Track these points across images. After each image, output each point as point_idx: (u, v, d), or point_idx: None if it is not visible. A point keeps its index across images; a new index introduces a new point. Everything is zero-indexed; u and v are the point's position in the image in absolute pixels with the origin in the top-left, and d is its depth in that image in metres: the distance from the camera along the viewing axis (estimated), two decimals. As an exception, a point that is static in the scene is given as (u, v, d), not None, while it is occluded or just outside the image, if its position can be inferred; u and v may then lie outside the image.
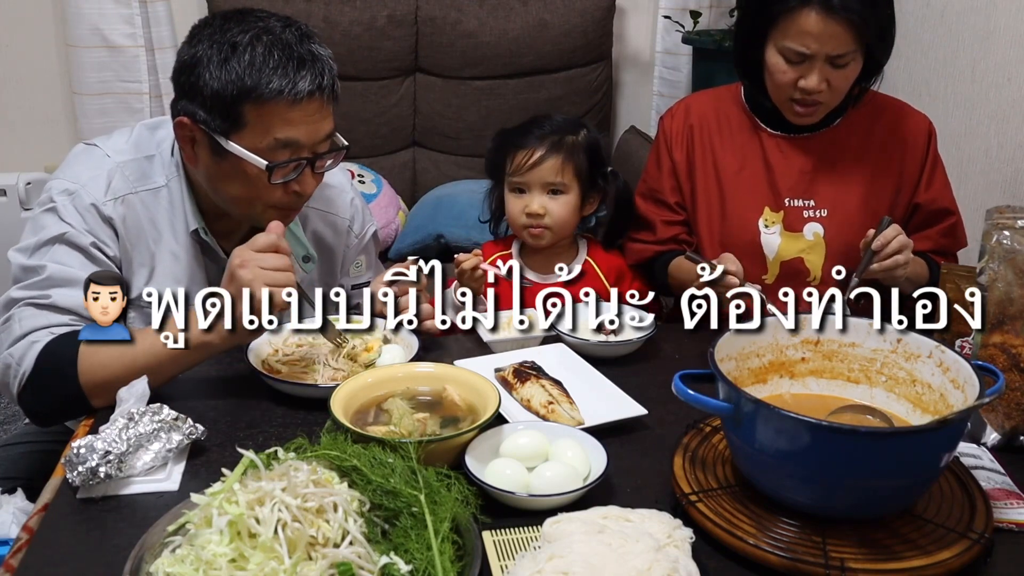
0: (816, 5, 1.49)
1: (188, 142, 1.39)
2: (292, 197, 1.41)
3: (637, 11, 3.24)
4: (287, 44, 1.33)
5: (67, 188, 1.40)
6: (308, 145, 1.37)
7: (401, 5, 2.90)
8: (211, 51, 1.32)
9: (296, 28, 1.36)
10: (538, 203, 1.73)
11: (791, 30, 1.53)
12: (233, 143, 1.33)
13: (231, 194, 1.40)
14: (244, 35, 1.32)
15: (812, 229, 1.70)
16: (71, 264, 1.36)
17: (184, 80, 1.36)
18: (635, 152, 2.98)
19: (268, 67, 1.31)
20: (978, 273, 1.25)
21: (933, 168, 1.71)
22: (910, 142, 1.70)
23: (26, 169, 2.99)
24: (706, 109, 1.78)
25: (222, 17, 1.37)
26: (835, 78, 1.56)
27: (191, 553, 0.88)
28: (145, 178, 1.46)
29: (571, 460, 1.11)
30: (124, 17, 2.84)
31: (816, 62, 1.54)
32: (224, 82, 1.31)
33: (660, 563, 0.88)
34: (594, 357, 1.44)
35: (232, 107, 1.32)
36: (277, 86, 1.30)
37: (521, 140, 1.75)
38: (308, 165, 1.38)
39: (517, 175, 1.74)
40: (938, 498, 1.06)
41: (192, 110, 1.35)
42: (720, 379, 1.04)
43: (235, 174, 1.36)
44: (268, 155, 1.34)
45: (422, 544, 0.91)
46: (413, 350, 1.41)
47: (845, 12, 1.48)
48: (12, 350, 1.32)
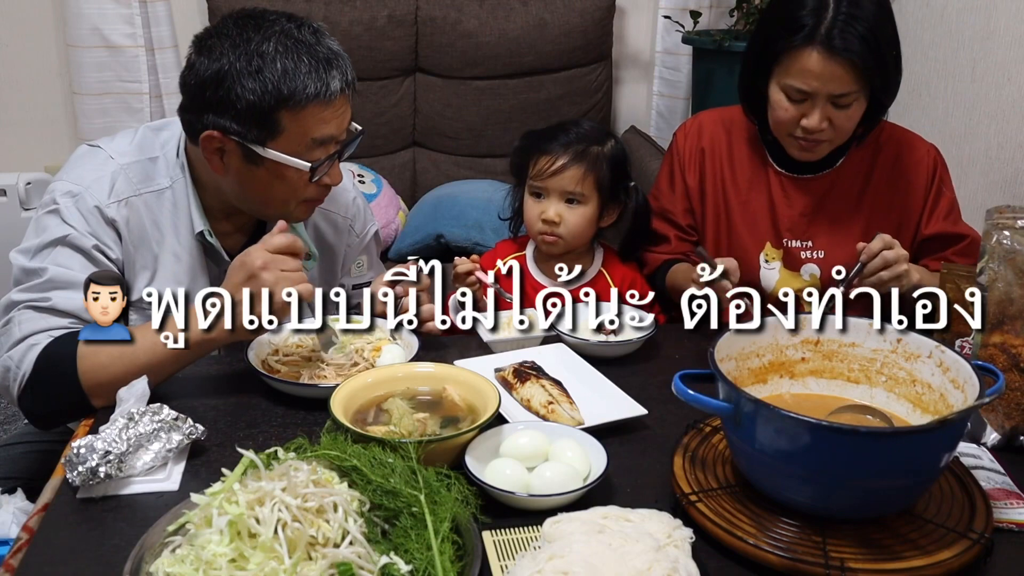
0: (818, 44, 1.48)
1: (216, 153, 1.38)
2: (324, 189, 1.44)
3: (637, 11, 3.25)
4: (309, 45, 1.35)
5: (70, 190, 1.40)
6: (339, 139, 1.41)
7: (401, 5, 2.90)
8: (239, 63, 1.32)
9: (307, 27, 1.38)
10: (554, 210, 1.71)
11: (793, 68, 1.52)
12: (272, 150, 1.35)
13: (267, 196, 1.42)
14: (268, 43, 1.33)
15: (809, 270, 1.71)
16: (72, 266, 1.36)
17: (211, 95, 1.34)
18: (635, 152, 2.98)
19: (301, 73, 1.32)
20: (978, 273, 1.25)
21: (936, 200, 1.69)
22: (913, 179, 1.68)
23: (26, 169, 2.98)
24: (718, 132, 1.76)
25: (235, 25, 1.36)
26: (837, 117, 1.55)
27: (191, 553, 0.88)
28: (149, 180, 1.45)
29: (571, 460, 1.11)
30: (124, 17, 2.84)
31: (818, 101, 1.53)
32: (260, 94, 1.32)
33: (660, 563, 0.88)
34: (594, 357, 1.44)
35: (269, 116, 1.33)
36: (313, 90, 1.33)
37: (546, 145, 1.73)
38: (337, 156, 1.42)
39: (538, 180, 1.72)
40: (938, 498, 1.06)
41: (223, 124, 1.34)
42: (720, 379, 1.04)
43: (272, 178, 1.38)
44: (306, 155, 1.37)
45: (422, 544, 0.91)
46: (413, 350, 1.42)
47: (847, 53, 1.47)
48: (11, 353, 1.32)
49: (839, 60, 1.48)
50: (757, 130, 1.72)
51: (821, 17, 1.49)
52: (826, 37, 1.48)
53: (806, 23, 1.49)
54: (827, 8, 1.49)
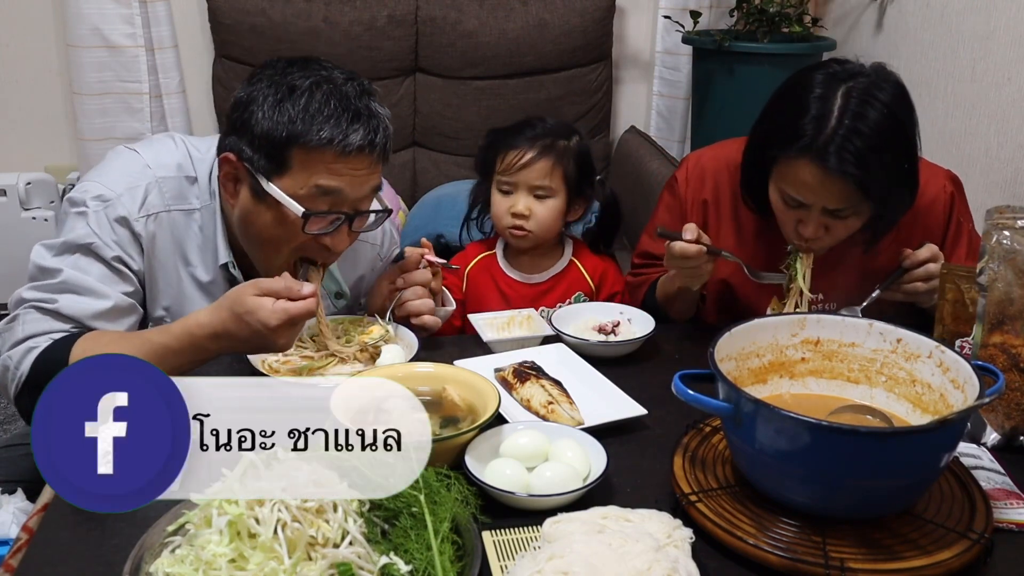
0: (814, 158, 1.36)
1: (231, 179, 1.37)
2: (322, 251, 1.38)
3: (637, 11, 3.25)
4: (345, 96, 1.31)
5: (102, 195, 1.39)
6: (350, 198, 1.34)
7: (401, 5, 2.90)
8: (268, 91, 1.31)
9: (358, 83, 1.35)
10: (523, 204, 1.72)
11: (788, 177, 1.42)
12: (273, 185, 1.31)
13: (261, 236, 1.37)
14: (304, 80, 1.31)
15: None
16: (90, 272, 1.36)
17: (236, 116, 1.34)
18: (635, 152, 2.98)
19: (322, 115, 1.29)
20: (978, 273, 1.25)
21: (956, 241, 1.60)
22: (930, 222, 1.59)
23: (26, 169, 2.99)
24: (722, 180, 1.65)
25: (287, 61, 1.35)
26: (835, 227, 1.45)
27: (191, 553, 0.88)
28: (181, 198, 1.44)
29: (571, 460, 1.11)
30: (124, 17, 2.85)
31: (813, 211, 1.43)
32: (275, 123, 1.29)
33: (660, 563, 0.88)
34: (594, 357, 1.44)
35: (280, 149, 1.30)
36: (328, 135, 1.28)
37: (513, 140, 1.74)
38: (347, 221, 1.36)
39: (506, 175, 1.74)
40: (938, 498, 1.06)
41: (240, 147, 1.33)
42: (720, 379, 1.04)
43: (270, 217, 1.34)
44: (307, 202, 1.31)
45: (422, 544, 0.91)
46: (413, 350, 1.42)
47: (841, 172, 1.34)
48: (11, 353, 1.32)
49: (835, 178, 1.36)
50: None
51: (821, 128, 1.36)
52: (822, 151, 1.35)
53: (805, 132, 1.37)
54: (828, 119, 1.36)
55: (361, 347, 1.42)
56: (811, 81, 1.41)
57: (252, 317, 1.21)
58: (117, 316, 1.37)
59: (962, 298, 1.34)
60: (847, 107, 1.36)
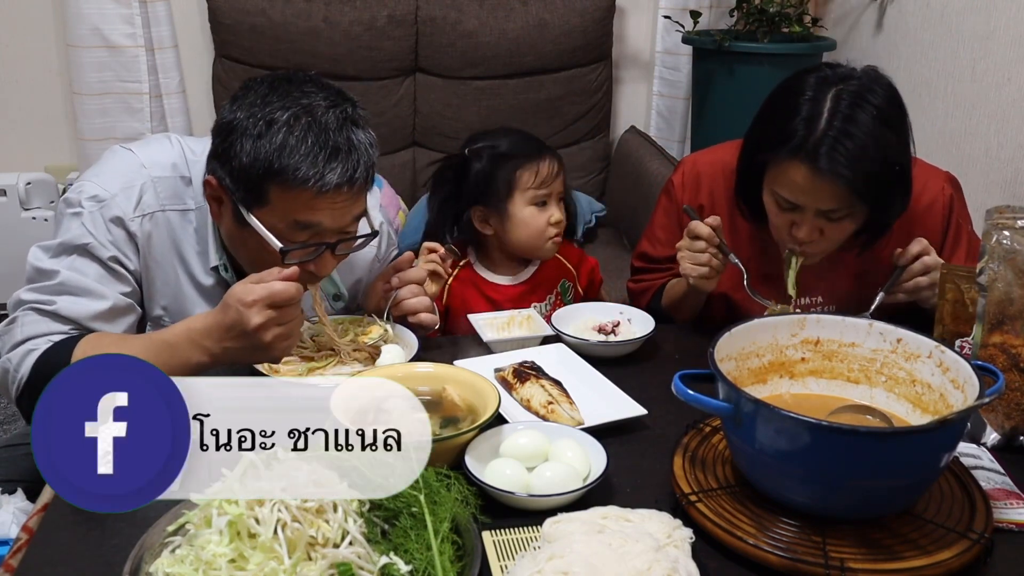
0: (805, 159, 1.37)
1: (215, 200, 1.36)
2: (306, 275, 1.35)
3: (637, 11, 3.25)
4: (324, 129, 1.27)
5: (97, 195, 1.38)
6: (332, 230, 1.33)
7: (401, 5, 2.90)
8: (247, 122, 1.28)
9: (341, 110, 1.30)
10: (560, 212, 1.76)
11: (780, 179, 1.42)
12: (254, 217, 1.30)
13: (249, 256, 1.38)
14: (284, 112, 1.27)
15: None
16: (87, 273, 1.36)
17: (219, 142, 1.32)
18: (635, 152, 2.98)
19: (299, 153, 1.25)
20: (978, 273, 1.25)
21: (955, 245, 1.59)
22: (928, 224, 1.58)
23: (26, 169, 2.99)
24: (717, 184, 1.65)
25: (268, 83, 1.32)
26: (830, 229, 1.44)
27: (191, 553, 0.88)
28: (177, 198, 1.43)
29: (571, 460, 1.11)
30: (124, 17, 2.84)
31: (807, 213, 1.42)
32: (253, 158, 1.27)
33: (660, 563, 0.88)
34: (594, 357, 1.44)
35: (257, 184, 1.28)
36: (304, 175, 1.25)
37: (537, 154, 1.75)
38: (328, 248, 1.35)
39: (543, 188, 1.74)
40: (938, 498, 1.06)
41: (221, 174, 1.32)
42: (720, 379, 1.04)
43: (253, 242, 1.33)
44: (287, 233, 1.30)
45: (422, 544, 0.91)
46: (413, 350, 1.42)
47: (832, 174, 1.35)
48: (11, 355, 1.32)
49: (826, 178, 1.36)
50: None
51: (812, 129, 1.36)
52: (812, 152, 1.36)
53: (796, 132, 1.37)
54: (819, 120, 1.36)
55: (360, 347, 1.42)
56: (802, 84, 1.41)
57: (232, 298, 1.21)
58: (115, 316, 1.37)
59: (962, 298, 1.34)
60: (837, 109, 1.36)
